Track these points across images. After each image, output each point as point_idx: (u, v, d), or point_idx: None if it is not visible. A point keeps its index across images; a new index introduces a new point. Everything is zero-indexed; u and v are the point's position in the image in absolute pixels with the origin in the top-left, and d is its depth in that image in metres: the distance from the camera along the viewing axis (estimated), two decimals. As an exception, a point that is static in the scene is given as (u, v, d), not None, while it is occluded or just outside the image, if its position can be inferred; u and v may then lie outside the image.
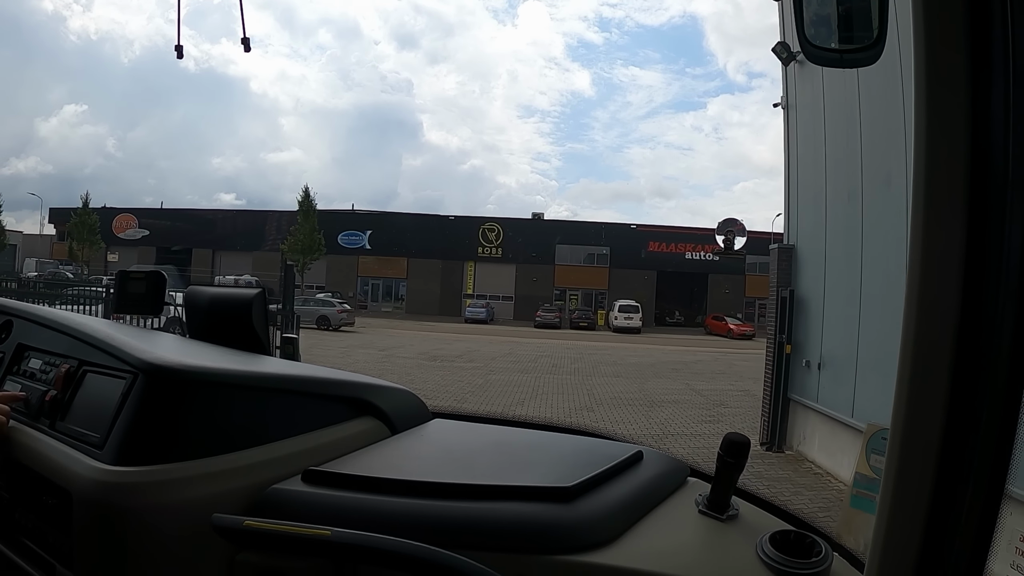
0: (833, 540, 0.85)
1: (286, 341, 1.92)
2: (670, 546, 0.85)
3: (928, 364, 0.55)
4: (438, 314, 39.36)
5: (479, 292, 41.52)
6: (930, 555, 0.56)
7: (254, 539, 0.79)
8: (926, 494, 0.56)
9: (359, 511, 0.88)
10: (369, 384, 1.20)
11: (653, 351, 22.44)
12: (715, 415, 10.49)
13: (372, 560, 0.75)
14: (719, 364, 18.92)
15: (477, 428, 1.28)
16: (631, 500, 0.91)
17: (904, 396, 0.56)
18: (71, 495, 0.90)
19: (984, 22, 0.53)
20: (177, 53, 1.64)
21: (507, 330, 31.11)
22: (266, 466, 0.96)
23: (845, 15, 0.69)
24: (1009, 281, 0.53)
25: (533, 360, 17.40)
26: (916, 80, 0.54)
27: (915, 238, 0.55)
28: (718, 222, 34.40)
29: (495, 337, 25.61)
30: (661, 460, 1.05)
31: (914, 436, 0.56)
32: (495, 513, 0.86)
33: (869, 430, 0.90)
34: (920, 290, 0.55)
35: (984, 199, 0.53)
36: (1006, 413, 0.54)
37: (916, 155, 0.55)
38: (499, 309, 40.11)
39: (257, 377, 1.08)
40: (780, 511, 0.96)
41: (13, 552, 1.01)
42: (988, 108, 0.53)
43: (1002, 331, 0.53)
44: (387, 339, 21.02)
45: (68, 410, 1.05)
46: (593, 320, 36.65)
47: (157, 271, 1.55)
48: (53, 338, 1.18)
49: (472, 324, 34.54)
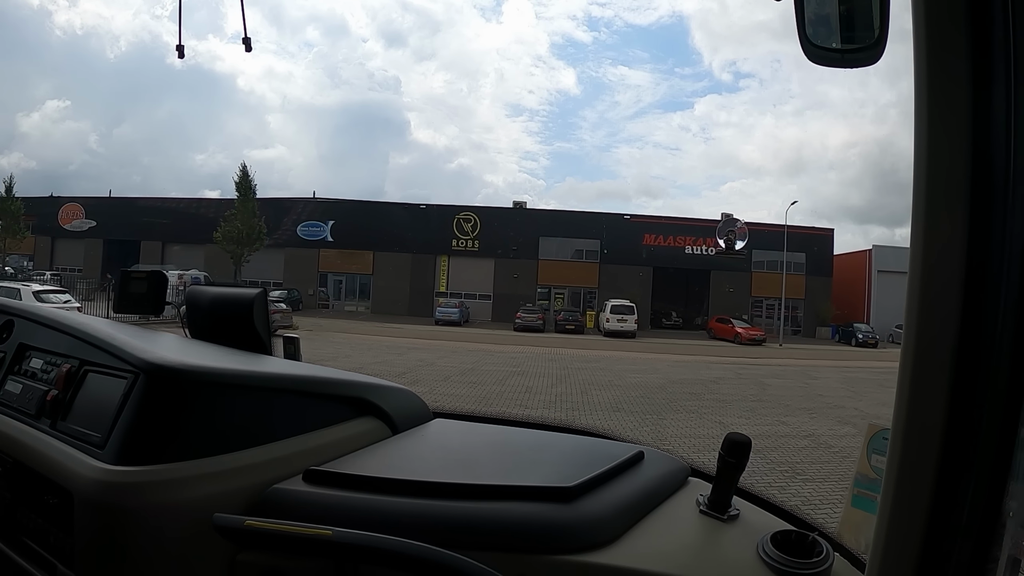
0: (834, 540, 0.85)
1: (288, 341, 1.51)
2: (671, 546, 0.85)
3: (928, 364, 0.56)
4: (407, 314, 34.82)
5: (453, 290, 36.87)
6: (931, 555, 0.57)
7: (255, 539, 0.79)
8: (927, 494, 0.56)
9: (360, 511, 0.88)
10: (370, 384, 1.21)
11: (656, 363, 17.97)
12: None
13: (373, 560, 0.75)
14: (746, 383, 14.48)
15: (478, 428, 1.29)
16: (632, 500, 0.91)
17: (904, 396, 0.57)
18: (72, 495, 0.91)
19: (985, 22, 0.53)
20: (178, 53, 1.58)
21: (481, 334, 26.55)
22: (267, 466, 0.97)
23: (846, 15, 0.68)
24: (1010, 281, 0.53)
25: (500, 382, 12.76)
26: (916, 80, 0.55)
27: (915, 238, 0.56)
28: (721, 216, 31.02)
29: (464, 344, 21.00)
30: (662, 460, 1.06)
31: (915, 436, 0.56)
32: (496, 513, 0.87)
33: (870, 430, 0.88)
34: (920, 290, 0.56)
35: (985, 199, 0.54)
36: (1006, 413, 0.54)
37: (916, 155, 0.55)
38: (475, 309, 35.47)
39: (258, 377, 1.08)
40: (781, 511, 0.97)
41: (15, 552, 1.02)
42: (989, 108, 0.53)
43: (1002, 331, 0.54)
44: (321, 348, 16.15)
45: (69, 410, 1.05)
46: (581, 322, 31.81)
47: (158, 271, 1.59)
48: (54, 338, 1.19)
49: (443, 326, 29.93)
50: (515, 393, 11.37)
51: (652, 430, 8.54)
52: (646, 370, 15.91)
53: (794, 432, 8.91)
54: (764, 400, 12.00)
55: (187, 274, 25.74)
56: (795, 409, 10.93)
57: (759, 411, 10.72)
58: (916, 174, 0.55)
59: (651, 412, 9.95)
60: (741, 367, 18.13)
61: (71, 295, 19.58)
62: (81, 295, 23.82)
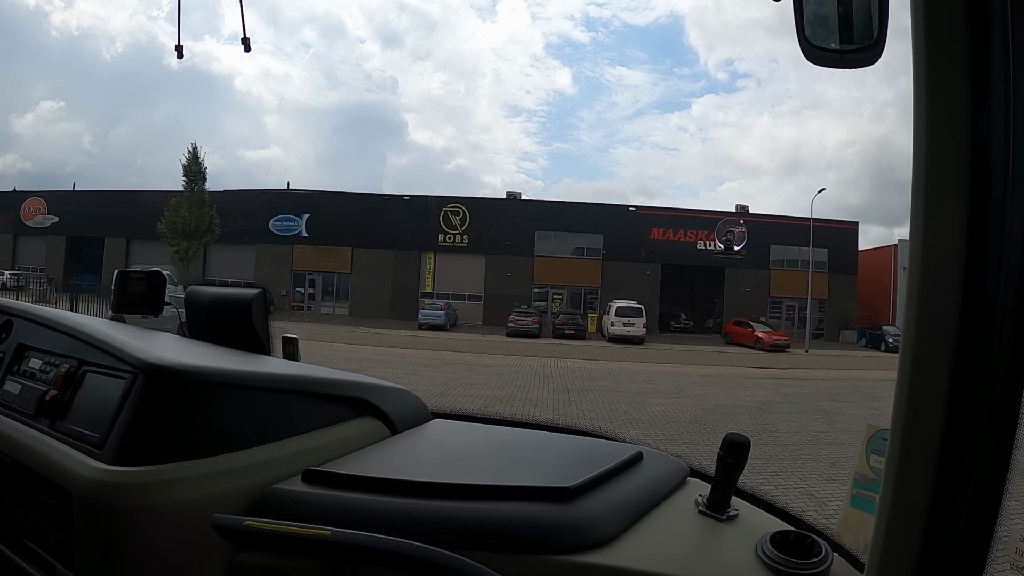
0: (833, 540, 0.85)
1: (287, 341, 1.57)
2: (670, 546, 0.86)
3: (928, 364, 0.56)
4: (389, 317, 31.39)
5: (440, 290, 33.41)
6: (930, 555, 0.57)
7: (254, 539, 0.79)
8: (926, 494, 0.56)
9: (359, 511, 0.89)
10: (369, 384, 1.22)
11: (678, 379, 14.50)
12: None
13: (372, 560, 0.75)
14: (803, 411, 10.99)
15: (477, 428, 1.30)
16: (631, 500, 0.92)
17: (904, 396, 0.57)
18: (71, 495, 0.91)
19: (984, 22, 0.53)
20: (177, 53, 1.60)
21: (468, 341, 23.07)
22: (266, 466, 0.97)
23: (845, 15, 0.68)
24: (1009, 281, 0.53)
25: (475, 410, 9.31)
26: (916, 80, 0.55)
27: (915, 238, 0.56)
28: (736, 208, 27.65)
29: (444, 355, 17.51)
30: (661, 460, 1.06)
31: (914, 436, 0.57)
32: (495, 513, 0.87)
33: (869, 430, 0.89)
34: (920, 290, 0.56)
35: (984, 199, 0.54)
36: (1006, 413, 0.55)
37: (916, 155, 0.55)
38: (464, 311, 31.99)
39: (257, 377, 1.09)
40: (780, 511, 0.97)
41: (13, 552, 1.02)
42: (988, 108, 0.53)
43: (1002, 331, 0.54)
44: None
45: (68, 410, 1.06)
46: (582, 326, 28.24)
47: (157, 271, 1.57)
48: (53, 338, 1.19)
49: (428, 331, 26.47)
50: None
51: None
52: (669, 391, 12.43)
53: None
54: (844, 442, 8.53)
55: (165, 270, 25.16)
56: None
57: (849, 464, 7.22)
58: (915, 174, 0.55)
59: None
60: (781, 384, 14.66)
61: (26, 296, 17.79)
62: (34, 296, 22.64)
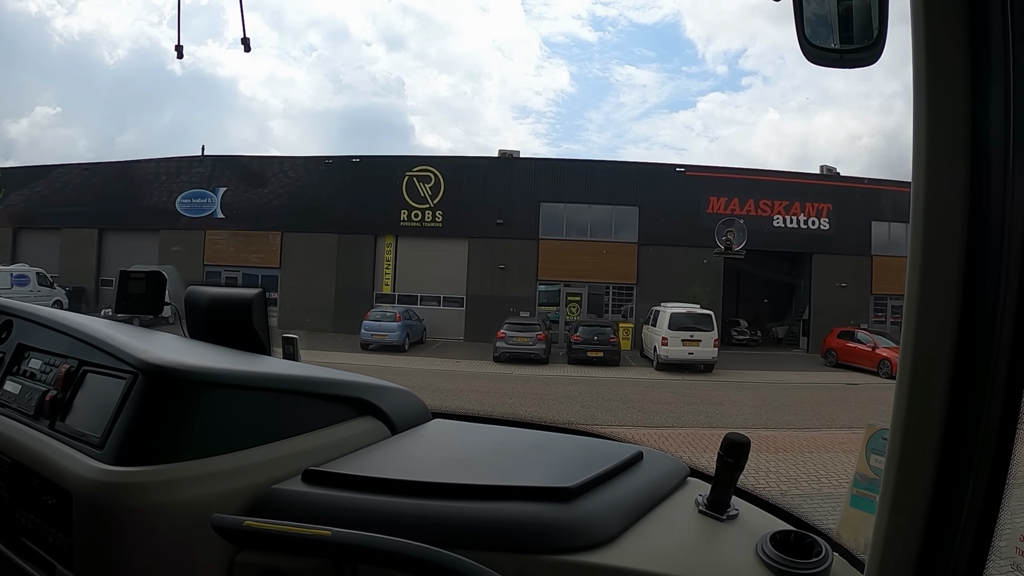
0: (833, 540, 0.86)
1: (287, 341, 1.67)
2: (670, 546, 0.87)
3: (928, 364, 0.56)
4: (332, 330, 21.77)
5: (404, 291, 23.53)
6: (930, 555, 0.58)
7: (254, 539, 0.81)
8: (926, 494, 0.57)
9: (359, 511, 0.90)
10: (369, 384, 1.23)
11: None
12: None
13: (372, 560, 0.76)
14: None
15: (477, 428, 1.31)
16: (631, 500, 0.92)
17: (904, 396, 0.58)
18: (71, 495, 0.92)
19: (984, 22, 0.54)
20: (177, 53, 1.59)
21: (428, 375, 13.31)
22: (266, 466, 0.98)
23: (845, 15, 0.69)
24: (1009, 282, 0.54)
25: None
26: (916, 80, 0.56)
27: (915, 238, 0.56)
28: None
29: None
30: (661, 460, 1.07)
31: (914, 436, 0.57)
32: (495, 513, 0.88)
33: (869, 430, 0.92)
34: (920, 290, 0.56)
35: (984, 199, 0.54)
36: (1006, 413, 0.55)
37: (916, 155, 0.56)
38: (438, 321, 22.25)
39: (257, 377, 1.10)
40: (780, 511, 0.97)
41: (13, 552, 1.03)
42: (988, 108, 0.54)
43: (1002, 332, 0.54)
44: None
45: (68, 410, 1.07)
46: (615, 345, 17.83)
47: (157, 271, 1.57)
48: (53, 338, 1.20)
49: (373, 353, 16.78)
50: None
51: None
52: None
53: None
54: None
55: (6, 270, 20.48)
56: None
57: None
58: (915, 173, 0.55)
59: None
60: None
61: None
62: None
